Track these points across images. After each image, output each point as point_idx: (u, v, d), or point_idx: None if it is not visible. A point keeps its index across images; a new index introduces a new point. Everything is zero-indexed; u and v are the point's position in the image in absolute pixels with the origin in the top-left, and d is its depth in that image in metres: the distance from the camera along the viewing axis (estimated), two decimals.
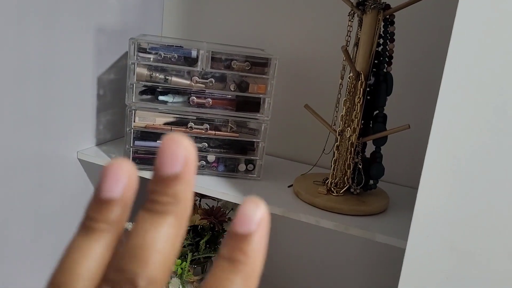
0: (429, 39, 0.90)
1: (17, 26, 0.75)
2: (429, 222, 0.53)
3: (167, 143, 0.19)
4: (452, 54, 0.50)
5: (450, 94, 0.51)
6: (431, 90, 0.88)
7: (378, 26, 0.75)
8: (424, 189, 0.53)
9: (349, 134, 0.78)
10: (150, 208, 0.19)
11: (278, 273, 1.14)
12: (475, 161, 0.50)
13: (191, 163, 0.19)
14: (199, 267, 0.99)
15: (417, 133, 0.87)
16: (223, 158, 0.89)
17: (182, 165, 0.19)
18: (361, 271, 1.05)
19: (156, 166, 0.19)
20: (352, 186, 0.81)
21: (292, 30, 1.00)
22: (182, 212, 0.19)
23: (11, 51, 0.75)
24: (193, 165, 0.19)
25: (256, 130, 0.89)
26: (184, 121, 0.86)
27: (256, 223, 0.19)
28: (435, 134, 0.52)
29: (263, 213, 0.19)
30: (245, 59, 0.84)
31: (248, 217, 0.19)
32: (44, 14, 0.79)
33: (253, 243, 0.19)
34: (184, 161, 0.19)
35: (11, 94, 0.77)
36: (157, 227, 0.18)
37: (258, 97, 0.86)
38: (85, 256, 0.18)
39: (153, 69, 0.83)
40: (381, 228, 0.74)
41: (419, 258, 0.55)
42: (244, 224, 0.19)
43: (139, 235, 0.18)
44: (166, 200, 0.19)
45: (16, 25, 0.75)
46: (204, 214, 0.96)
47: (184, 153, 0.19)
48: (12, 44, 0.75)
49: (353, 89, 0.77)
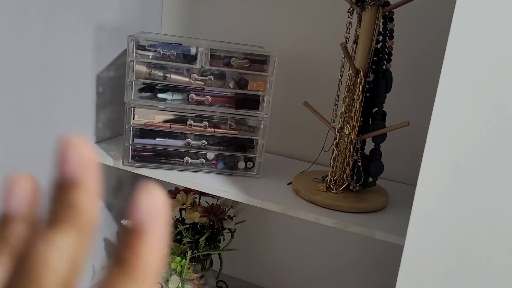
0: (428, 36, 0.90)
1: (16, 24, 0.75)
2: (427, 220, 0.53)
3: (61, 146, 0.17)
4: (450, 51, 0.50)
5: (448, 91, 0.50)
6: (431, 87, 0.88)
7: (377, 23, 0.75)
8: (422, 186, 0.53)
9: (348, 132, 0.78)
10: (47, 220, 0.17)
11: (278, 270, 1.14)
12: (473, 159, 0.50)
13: (91, 167, 0.17)
14: (198, 264, 0.99)
15: (417, 130, 0.87)
16: (222, 155, 0.89)
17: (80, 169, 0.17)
18: (360, 269, 1.05)
19: (54, 172, 0.17)
20: (351, 184, 0.81)
21: (291, 28, 1.00)
22: (85, 225, 0.17)
23: (11, 49, 0.75)
24: (93, 168, 0.17)
25: (255, 127, 0.89)
26: (183, 119, 0.86)
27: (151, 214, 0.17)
28: (433, 132, 0.52)
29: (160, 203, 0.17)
30: (244, 56, 0.84)
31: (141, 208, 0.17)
32: (43, 12, 0.79)
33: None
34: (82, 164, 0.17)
35: (10, 92, 0.77)
36: (52, 242, 0.16)
37: (257, 94, 0.86)
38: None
39: (152, 66, 0.83)
40: (380, 225, 0.74)
41: (417, 256, 0.54)
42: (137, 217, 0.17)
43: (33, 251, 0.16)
44: (63, 211, 0.17)
45: (15, 23, 0.75)
46: (203, 211, 0.96)
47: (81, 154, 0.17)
48: (11, 42, 0.75)
49: (352, 86, 0.77)
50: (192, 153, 0.88)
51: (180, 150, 0.88)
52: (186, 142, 0.87)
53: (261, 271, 1.16)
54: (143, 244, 0.17)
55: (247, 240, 1.14)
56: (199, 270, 1.00)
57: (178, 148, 0.87)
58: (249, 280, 1.17)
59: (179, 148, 0.87)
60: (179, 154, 0.88)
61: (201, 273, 1.00)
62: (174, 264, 0.93)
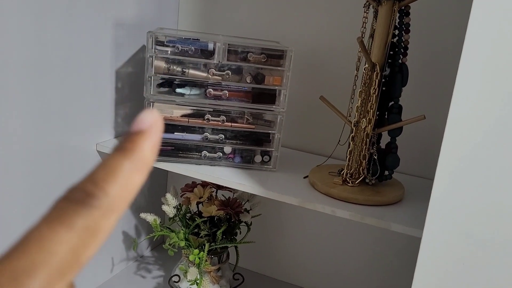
0: (444, 30, 0.90)
1: (38, 22, 0.77)
2: (445, 211, 0.54)
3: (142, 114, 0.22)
4: (469, 44, 0.50)
5: (466, 84, 0.51)
6: (447, 81, 0.88)
7: (394, 17, 0.75)
8: (440, 177, 0.54)
9: (365, 125, 0.78)
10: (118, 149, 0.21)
11: (293, 264, 1.15)
12: (490, 151, 0.51)
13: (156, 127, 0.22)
14: (216, 257, 1.01)
15: (433, 124, 0.87)
16: (239, 149, 0.90)
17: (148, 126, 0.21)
18: (375, 264, 1.06)
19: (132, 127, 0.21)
20: (367, 177, 0.81)
21: (308, 22, 1.01)
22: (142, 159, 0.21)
23: (33, 46, 0.77)
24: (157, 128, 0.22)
25: (272, 121, 0.90)
26: (201, 113, 0.88)
27: (149, 124, 0.21)
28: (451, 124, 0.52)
29: (156, 118, 0.21)
30: (261, 51, 0.85)
31: (142, 120, 0.21)
32: (63, 9, 0.81)
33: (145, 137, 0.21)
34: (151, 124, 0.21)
35: (33, 88, 0.79)
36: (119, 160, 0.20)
37: (274, 89, 0.87)
38: None
39: (170, 62, 0.85)
40: (396, 217, 0.74)
41: (435, 246, 0.55)
42: (137, 125, 0.21)
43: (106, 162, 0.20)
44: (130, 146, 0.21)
45: (37, 20, 0.77)
46: (220, 205, 0.97)
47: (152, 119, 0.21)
48: (33, 39, 0.77)
49: (368, 80, 0.78)
50: (210, 147, 0.89)
51: (198, 144, 0.89)
52: (203, 136, 0.89)
53: (276, 264, 1.17)
54: (142, 139, 0.21)
55: (263, 233, 1.15)
56: (216, 262, 1.01)
57: (196, 142, 0.89)
58: (265, 273, 1.19)
59: (197, 142, 0.89)
60: (196, 148, 0.89)
61: (218, 265, 1.02)
62: (192, 256, 0.94)
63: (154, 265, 1.18)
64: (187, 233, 0.97)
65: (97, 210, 0.18)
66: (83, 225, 0.18)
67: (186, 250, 0.98)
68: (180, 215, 1.00)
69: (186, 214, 1.00)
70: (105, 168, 0.19)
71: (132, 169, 0.20)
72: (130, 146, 0.20)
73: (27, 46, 0.76)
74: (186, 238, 0.97)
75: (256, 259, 1.19)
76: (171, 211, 0.98)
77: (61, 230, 0.18)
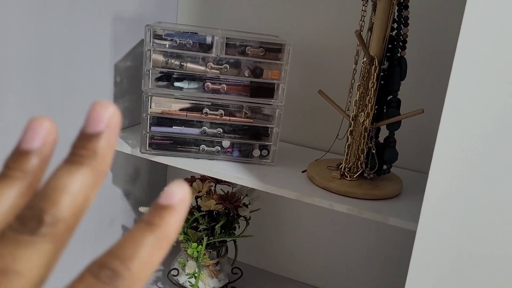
0: (443, 23, 0.89)
1: (38, 16, 0.77)
2: (440, 204, 0.54)
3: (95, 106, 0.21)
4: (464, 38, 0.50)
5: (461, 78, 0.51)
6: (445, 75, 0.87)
7: (392, 10, 0.75)
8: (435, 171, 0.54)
9: (363, 119, 0.78)
10: (69, 160, 0.20)
11: (292, 258, 1.15)
12: (486, 145, 0.51)
13: (113, 126, 0.21)
14: (214, 251, 1.01)
15: (431, 118, 0.87)
16: (237, 143, 0.90)
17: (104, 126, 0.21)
18: (373, 257, 1.06)
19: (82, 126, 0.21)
20: (365, 171, 0.81)
21: (306, 16, 1.00)
22: (99, 167, 0.20)
23: (33, 40, 0.77)
24: (115, 127, 0.21)
25: (270, 115, 0.90)
26: (199, 107, 0.88)
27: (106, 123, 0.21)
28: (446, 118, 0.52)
29: (185, 193, 0.21)
30: (259, 45, 0.85)
31: (171, 193, 0.21)
32: (63, 4, 0.81)
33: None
34: (107, 123, 0.21)
35: (33, 81, 0.79)
36: (72, 174, 0.20)
37: (272, 83, 0.87)
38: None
39: (168, 55, 0.85)
40: (394, 211, 0.74)
41: (430, 240, 0.55)
42: (166, 198, 0.21)
43: (54, 179, 0.20)
44: (84, 153, 0.20)
45: (37, 15, 0.77)
46: (219, 199, 0.97)
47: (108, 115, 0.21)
48: (33, 34, 0.77)
49: (366, 74, 0.78)
50: (208, 141, 0.89)
51: (196, 138, 0.89)
52: (202, 130, 0.89)
53: (275, 258, 1.17)
54: (170, 215, 0.20)
55: (261, 228, 1.15)
56: (214, 256, 1.02)
57: (194, 136, 0.89)
58: (264, 267, 1.19)
59: (195, 136, 0.89)
60: (195, 142, 0.89)
61: (216, 259, 1.02)
62: (190, 250, 0.95)
63: None
64: (185, 227, 0.97)
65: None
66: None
67: (185, 244, 0.98)
68: None
69: None
70: (132, 244, 0.19)
71: (156, 246, 0.20)
72: (157, 222, 0.20)
73: (27, 40, 0.76)
74: (184, 232, 0.97)
75: (254, 253, 1.19)
76: None
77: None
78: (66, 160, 0.21)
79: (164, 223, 0.20)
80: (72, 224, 0.19)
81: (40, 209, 0.19)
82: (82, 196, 0.20)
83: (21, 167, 0.20)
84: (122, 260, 0.19)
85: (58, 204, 0.19)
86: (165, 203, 0.21)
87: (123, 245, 0.19)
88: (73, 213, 0.19)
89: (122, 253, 0.19)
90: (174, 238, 0.21)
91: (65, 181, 0.20)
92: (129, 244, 0.19)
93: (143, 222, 0.20)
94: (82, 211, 0.20)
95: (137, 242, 0.19)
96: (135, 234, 0.20)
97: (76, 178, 0.20)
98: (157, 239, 0.20)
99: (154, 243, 0.20)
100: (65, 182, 0.20)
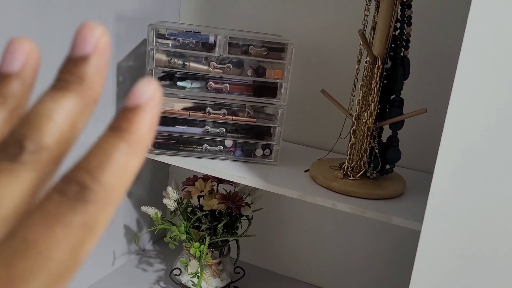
0: (446, 23, 0.89)
1: (40, 15, 0.77)
2: (444, 203, 0.54)
3: (81, 28, 0.19)
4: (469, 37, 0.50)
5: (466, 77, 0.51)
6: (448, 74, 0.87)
7: (395, 10, 0.75)
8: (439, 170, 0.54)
9: (366, 119, 0.78)
10: (54, 86, 0.19)
11: (294, 258, 1.15)
12: (490, 145, 0.51)
13: (101, 48, 0.19)
14: (217, 250, 1.01)
15: (434, 118, 0.87)
16: (240, 143, 0.90)
17: (91, 48, 0.19)
18: (376, 257, 1.06)
19: (69, 50, 0.19)
20: (368, 171, 0.81)
21: (309, 15, 1.00)
22: (88, 93, 0.19)
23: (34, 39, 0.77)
24: (103, 50, 0.19)
25: (273, 115, 0.90)
26: (202, 106, 0.88)
27: (93, 45, 0.19)
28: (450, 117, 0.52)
29: (155, 89, 0.19)
30: (262, 44, 0.85)
31: (138, 92, 0.19)
32: (64, 2, 0.81)
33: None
34: (94, 45, 0.19)
35: None
36: (56, 101, 0.18)
37: (275, 82, 0.87)
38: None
39: (171, 55, 0.85)
40: (397, 211, 0.74)
41: (434, 239, 0.55)
42: (133, 98, 0.18)
43: (37, 105, 0.18)
44: (70, 78, 0.19)
45: (38, 14, 0.77)
46: (221, 198, 0.97)
47: (95, 37, 0.19)
48: (34, 33, 0.77)
49: (369, 74, 0.78)
50: (211, 141, 0.89)
51: (199, 137, 0.89)
52: (204, 129, 0.89)
53: (277, 258, 1.17)
54: (138, 116, 0.18)
55: (264, 227, 1.15)
56: (217, 256, 1.02)
57: (197, 135, 0.89)
58: (266, 267, 1.19)
59: (198, 135, 0.89)
60: (198, 141, 0.89)
61: (219, 259, 1.02)
62: (193, 249, 0.95)
63: (155, 259, 1.18)
64: (188, 226, 0.97)
65: (93, 205, 0.17)
66: (80, 222, 0.17)
67: (187, 244, 0.98)
68: (181, 208, 1.00)
69: (187, 207, 1.00)
70: (99, 153, 0.17)
71: (128, 152, 0.18)
72: (125, 126, 0.18)
73: None
74: (187, 232, 0.97)
75: (257, 253, 1.19)
76: (172, 205, 0.98)
77: (57, 230, 0.16)
78: (51, 86, 0.19)
79: (133, 126, 0.18)
80: (57, 153, 0.18)
81: (22, 135, 0.17)
82: (68, 124, 0.18)
83: (1, 92, 0.19)
84: (89, 171, 0.17)
85: (41, 131, 0.18)
86: (133, 104, 0.18)
87: (90, 156, 0.17)
88: (58, 141, 0.18)
89: (89, 165, 0.17)
90: (148, 142, 0.19)
91: (49, 107, 0.18)
92: (96, 154, 0.17)
93: (110, 129, 0.18)
94: (68, 141, 0.18)
95: (105, 151, 0.17)
96: (102, 143, 0.18)
97: (61, 105, 0.18)
98: (128, 144, 0.18)
99: (124, 150, 0.18)
100: (49, 108, 0.18)
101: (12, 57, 0.19)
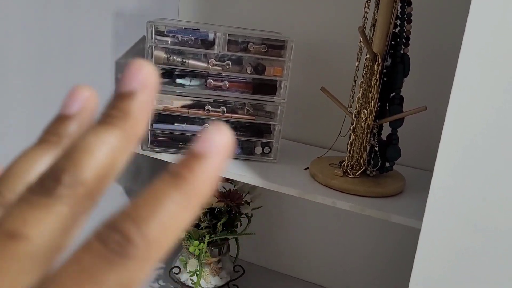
0: (447, 20, 0.89)
1: (38, 12, 0.76)
2: (444, 201, 0.54)
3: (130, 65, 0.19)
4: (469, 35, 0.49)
5: (466, 75, 0.50)
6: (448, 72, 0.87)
7: (395, 7, 0.75)
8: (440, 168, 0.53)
9: (366, 116, 0.78)
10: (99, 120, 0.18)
11: (294, 256, 1.15)
12: (490, 142, 0.50)
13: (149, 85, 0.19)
14: (216, 249, 1.01)
15: (434, 115, 0.86)
16: (239, 140, 0.90)
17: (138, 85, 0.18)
18: (376, 255, 1.06)
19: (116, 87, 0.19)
20: (368, 168, 0.81)
21: (308, 12, 1.00)
22: (131, 130, 0.18)
23: (33, 37, 0.77)
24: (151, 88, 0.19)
25: (272, 113, 0.89)
26: (201, 104, 0.87)
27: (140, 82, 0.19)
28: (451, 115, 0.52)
29: (227, 140, 0.17)
30: (262, 41, 0.85)
31: (207, 139, 0.17)
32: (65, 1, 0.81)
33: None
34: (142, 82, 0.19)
35: (33, 78, 0.79)
36: (98, 135, 0.18)
37: (275, 79, 0.87)
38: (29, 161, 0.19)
39: (170, 52, 0.84)
40: (396, 209, 0.74)
41: (434, 237, 0.55)
42: (201, 145, 0.17)
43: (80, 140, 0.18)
44: (115, 114, 0.18)
45: (37, 11, 0.76)
46: (221, 196, 0.97)
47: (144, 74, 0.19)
48: (33, 31, 0.76)
49: (369, 71, 0.77)
50: None
51: None
52: (204, 127, 0.88)
53: (277, 256, 1.17)
54: (201, 166, 0.17)
55: (263, 225, 1.15)
56: (216, 254, 1.01)
57: (196, 133, 0.88)
58: (266, 265, 1.19)
59: (197, 133, 0.88)
60: None
61: (218, 257, 1.02)
62: (192, 247, 0.94)
63: None
64: None
65: (133, 261, 0.15)
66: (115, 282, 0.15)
67: (186, 242, 0.98)
68: None
69: None
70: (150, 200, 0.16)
71: (182, 205, 0.16)
72: (185, 173, 0.16)
73: (27, 37, 0.76)
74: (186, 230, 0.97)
75: (256, 251, 1.18)
76: None
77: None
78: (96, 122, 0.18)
79: (194, 176, 0.16)
80: (94, 189, 0.17)
81: (60, 169, 0.17)
82: (108, 159, 0.17)
83: (57, 131, 0.19)
84: (135, 222, 0.15)
85: (79, 165, 0.17)
86: (199, 152, 0.17)
87: (140, 202, 0.16)
88: (96, 176, 0.17)
89: (137, 214, 0.15)
90: (205, 198, 0.17)
91: (91, 141, 0.17)
92: (147, 202, 0.16)
93: (168, 174, 0.16)
94: (107, 176, 0.17)
95: (157, 200, 0.16)
96: (156, 189, 0.16)
97: (103, 140, 0.17)
98: (183, 196, 0.16)
99: (179, 201, 0.16)
100: (90, 143, 0.17)
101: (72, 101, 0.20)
